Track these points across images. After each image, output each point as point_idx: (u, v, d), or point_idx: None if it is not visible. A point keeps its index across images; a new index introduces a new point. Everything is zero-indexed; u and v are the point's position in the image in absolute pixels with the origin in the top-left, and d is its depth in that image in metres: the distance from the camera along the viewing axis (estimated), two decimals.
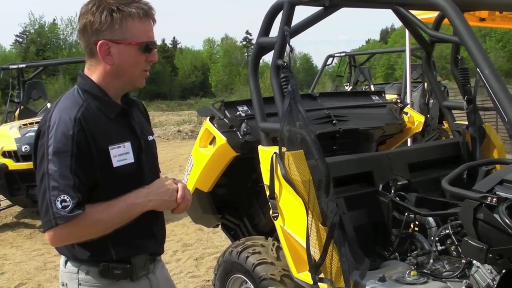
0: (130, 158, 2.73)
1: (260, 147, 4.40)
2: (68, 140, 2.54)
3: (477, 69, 3.39)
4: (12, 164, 10.23)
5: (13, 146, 10.28)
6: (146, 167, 2.81)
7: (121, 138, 2.73)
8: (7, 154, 10.36)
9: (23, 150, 10.13)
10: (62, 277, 2.87)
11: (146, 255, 2.89)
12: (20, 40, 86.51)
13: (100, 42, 2.65)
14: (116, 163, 2.67)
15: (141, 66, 2.75)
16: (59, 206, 2.49)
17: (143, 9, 2.67)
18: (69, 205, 2.49)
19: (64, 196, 2.49)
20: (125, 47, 2.67)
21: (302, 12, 4.37)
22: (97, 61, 2.72)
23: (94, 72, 2.76)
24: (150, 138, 2.97)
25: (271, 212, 4.25)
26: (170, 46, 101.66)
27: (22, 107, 12.67)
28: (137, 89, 2.97)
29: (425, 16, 6.64)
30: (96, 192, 2.64)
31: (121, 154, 2.70)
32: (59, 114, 2.62)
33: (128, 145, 2.73)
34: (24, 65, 13.31)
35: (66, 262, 2.85)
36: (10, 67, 12.88)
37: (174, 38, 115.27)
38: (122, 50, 2.67)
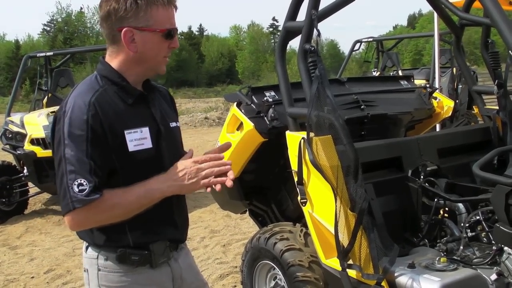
0: (147, 144, 2.70)
1: (287, 133, 4.37)
2: (83, 125, 2.54)
3: (509, 51, 3.34)
4: (40, 152, 10.30)
5: (41, 134, 10.35)
6: (166, 154, 2.76)
7: (139, 123, 2.71)
8: (35, 142, 10.43)
9: None
10: (84, 263, 2.89)
11: (165, 241, 2.86)
12: (48, 29, 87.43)
13: (124, 29, 2.64)
14: (132, 147, 2.65)
15: (163, 52, 2.74)
16: (76, 189, 2.50)
17: None
18: (86, 188, 2.50)
19: (81, 180, 2.50)
20: (149, 34, 2.66)
21: None
22: (119, 47, 2.71)
23: (115, 58, 2.75)
24: (173, 125, 2.94)
25: (299, 198, 4.23)
26: (196, 33, 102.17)
27: (50, 94, 12.73)
28: (159, 76, 2.94)
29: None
30: (114, 178, 2.64)
31: (138, 139, 2.68)
32: (74, 99, 2.63)
33: (145, 130, 2.71)
34: (51, 53, 13.36)
35: (87, 248, 2.86)
36: (38, 55, 12.91)
37: (200, 25, 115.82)
38: (146, 37, 2.66)
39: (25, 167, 10.77)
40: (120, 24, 2.64)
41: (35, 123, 10.72)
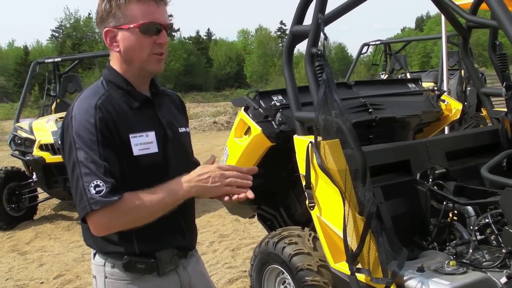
0: (153, 148, 2.68)
1: (295, 137, 4.37)
2: (92, 128, 2.52)
3: None
4: (49, 157, 10.32)
5: (50, 139, 10.37)
6: (172, 159, 2.74)
7: (145, 127, 2.69)
8: (44, 147, 10.45)
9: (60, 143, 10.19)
10: (92, 269, 2.88)
11: (172, 249, 2.83)
12: (56, 34, 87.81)
13: (104, 30, 2.67)
14: (137, 151, 2.62)
15: (148, 49, 2.67)
16: (93, 191, 2.46)
17: None
18: (103, 189, 2.46)
19: (97, 181, 2.47)
20: (127, 32, 2.64)
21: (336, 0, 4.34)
22: (110, 50, 2.73)
23: (114, 62, 2.76)
24: (182, 130, 2.92)
25: (307, 202, 4.22)
26: (204, 37, 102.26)
27: (58, 100, 12.76)
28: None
29: (462, 2, 6.53)
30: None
31: (144, 143, 2.65)
32: (80, 103, 2.62)
33: (151, 134, 2.69)
34: (59, 59, 13.38)
35: (94, 255, 2.85)
36: (46, 61, 12.94)
37: (208, 29, 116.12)
38: (125, 35, 2.64)
39: (34, 173, 10.80)
40: (103, 26, 2.68)
41: (44, 128, 10.74)
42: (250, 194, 2.66)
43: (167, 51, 2.76)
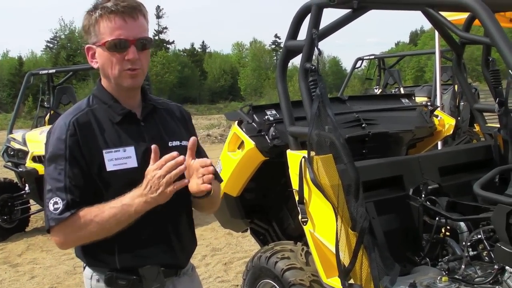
0: (132, 163, 2.66)
1: (288, 152, 4.37)
2: (62, 144, 2.61)
3: (509, 70, 3.34)
4: (42, 169, 10.26)
5: (43, 151, 10.29)
6: None
7: (123, 142, 2.69)
8: (37, 159, 10.43)
9: None
10: (84, 281, 2.89)
11: (157, 266, 2.77)
12: (51, 45, 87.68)
13: (86, 47, 2.73)
14: (111, 167, 2.63)
15: (118, 66, 2.66)
16: (52, 208, 2.56)
17: (107, 7, 2.61)
18: (59, 207, 2.54)
19: (56, 199, 2.56)
20: (99, 49, 2.67)
21: (330, 15, 4.34)
22: None
23: (101, 77, 2.80)
24: (174, 143, 2.84)
25: (300, 217, 4.21)
26: (199, 50, 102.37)
27: (52, 112, 12.70)
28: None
29: (456, 17, 6.55)
30: (100, 197, 2.62)
31: (120, 158, 2.65)
32: (60, 120, 2.72)
33: (130, 149, 2.68)
34: (53, 70, 13.39)
35: (84, 267, 2.86)
36: (40, 72, 12.93)
37: (203, 42, 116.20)
38: (98, 52, 2.68)
39: (26, 185, 10.77)
40: (86, 42, 2.73)
41: (37, 140, 10.69)
42: (185, 181, 2.53)
43: (143, 65, 2.72)
